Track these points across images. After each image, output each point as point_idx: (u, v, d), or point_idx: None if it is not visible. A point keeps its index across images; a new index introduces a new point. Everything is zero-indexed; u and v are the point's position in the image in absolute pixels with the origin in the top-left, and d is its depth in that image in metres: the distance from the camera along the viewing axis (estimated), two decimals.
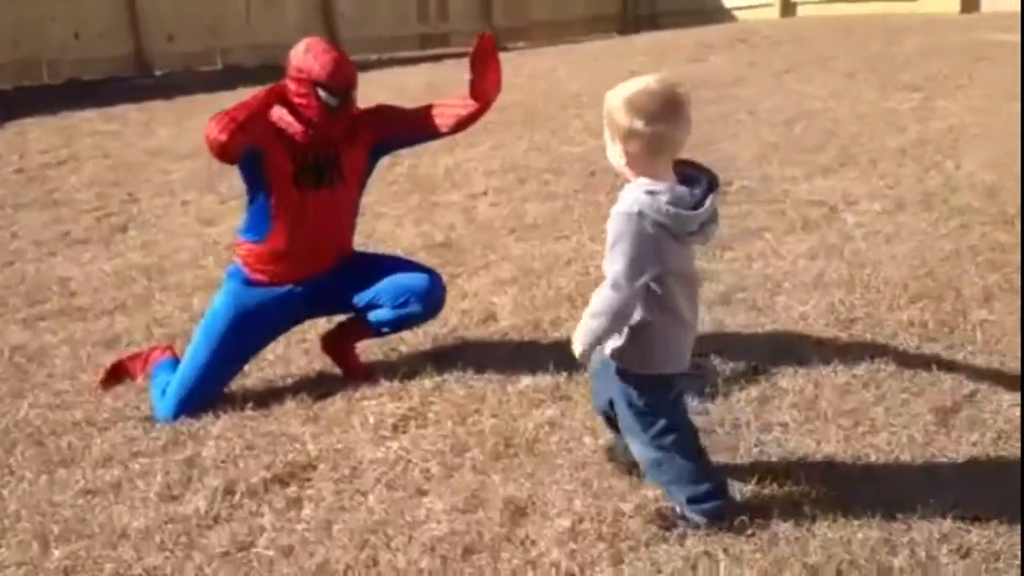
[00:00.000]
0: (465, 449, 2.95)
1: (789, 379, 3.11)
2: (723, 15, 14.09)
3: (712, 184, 2.28)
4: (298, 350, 3.76)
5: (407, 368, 3.48)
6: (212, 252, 5.11)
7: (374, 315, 3.42)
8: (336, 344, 3.58)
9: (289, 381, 3.55)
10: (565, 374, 3.29)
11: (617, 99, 2.23)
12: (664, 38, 12.06)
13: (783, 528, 2.41)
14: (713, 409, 2.97)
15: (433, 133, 3.46)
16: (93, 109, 9.34)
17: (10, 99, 10.31)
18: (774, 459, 2.73)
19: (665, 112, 2.19)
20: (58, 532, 2.69)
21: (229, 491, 2.82)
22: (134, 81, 11.22)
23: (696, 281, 2.42)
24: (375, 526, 2.60)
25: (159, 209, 6.01)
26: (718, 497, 2.45)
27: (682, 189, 2.23)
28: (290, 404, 3.32)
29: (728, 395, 3.04)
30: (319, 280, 3.42)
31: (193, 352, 3.39)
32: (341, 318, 3.61)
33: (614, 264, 2.24)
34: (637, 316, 2.31)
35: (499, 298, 4.11)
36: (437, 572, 2.40)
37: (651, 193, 2.20)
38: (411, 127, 3.47)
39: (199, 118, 8.70)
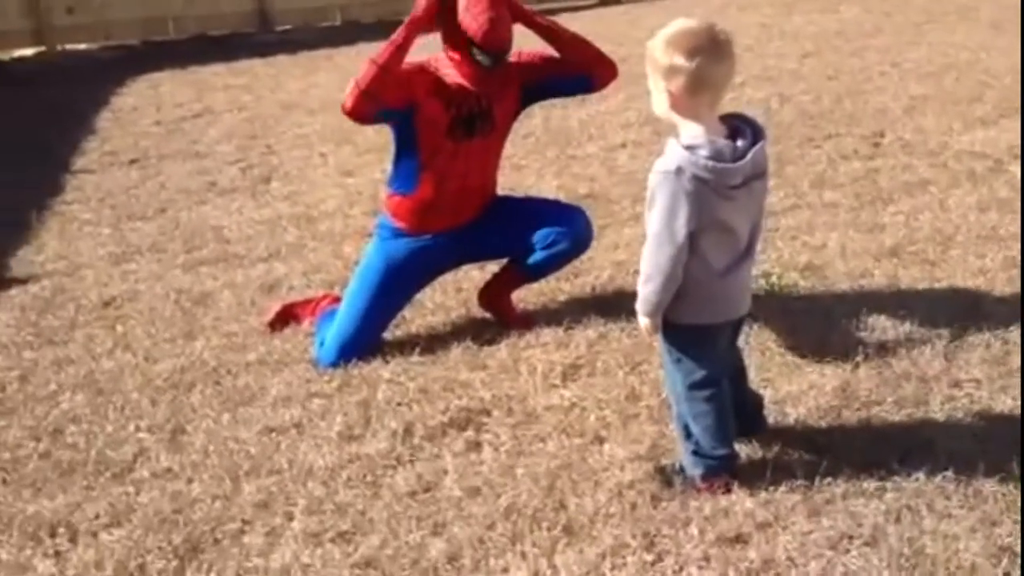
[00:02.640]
0: (639, 398, 2.93)
1: (974, 334, 3.00)
2: None
3: (757, 136, 2.22)
4: (456, 299, 3.78)
5: (569, 318, 3.46)
6: (357, 201, 5.16)
7: (525, 259, 3.42)
8: (493, 298, 3.58)
9: (451, 329, 3.57)
10: None
11: (657, 40, 2.19)
12: None
13: (988, 485, 2.34)
14: (897, 364, 2.88)
15: (578, 74, 3.36)
16: (221, 64, 9.53)
17: (139, 54, 10.59)
18: (967, 416, 2.64)
19: (706, 47, 2.13)
20: (247, 468, 2.76)
21: (408, 432, 2.86)
22: (257, 36, 11.40)
23: (743, 234, 2.30)
24: (558, 470, 2.60)
25: (299, 161, 6.10)
26: (727, 467, 2.45)
27: (723, 142, 2.18)
28: (456, 351, 3.34)
29: (911, 349, 2.95)
30: (467, 227, 3.43)
31: (349, 303, 3.43)
32: (494, 269, 3.62)
33: (654, 223, 2.23)
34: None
35: None
36: (627, 517, 2.39)
37: (691, 148, 2.16)
38: (559, 69, 3.38)
39: (324, 74, 8.86)
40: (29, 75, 9.59)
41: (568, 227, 3.37)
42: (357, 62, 3.18)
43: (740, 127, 2.24)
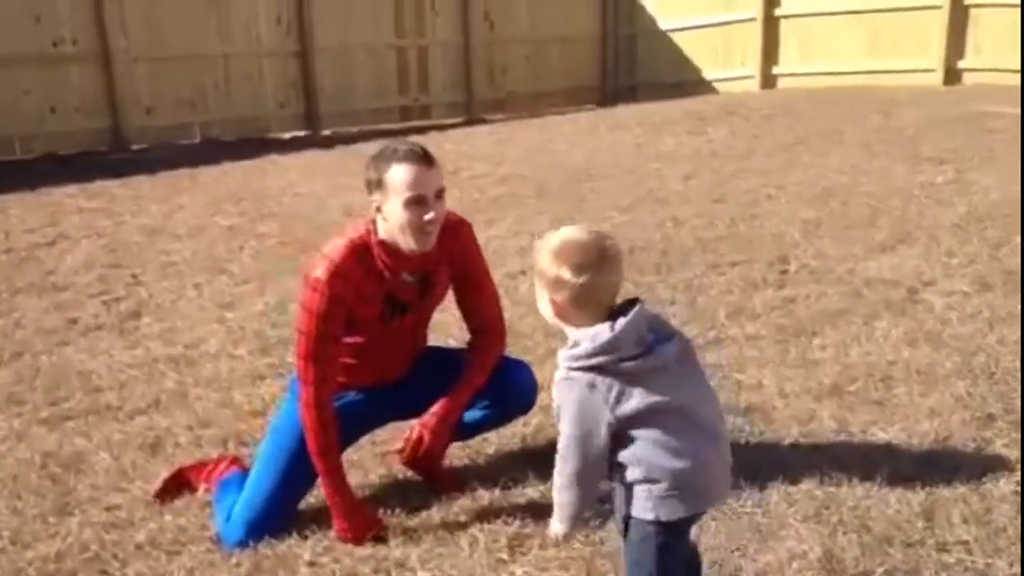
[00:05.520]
0: (602, 573, 2.62)
1: (946, 487, 2.82)
2: (704, 87, 14.15)
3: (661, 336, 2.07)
4: (371, 455, 3.41)
5: (504, 476, 3.15)
6: (241, 339, 4.75)
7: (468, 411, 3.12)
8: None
9: (375, 491, 3.19)
10: None
11: (544, 249, 2.11)
12: (650, 110, 12.00)
13: None
14: (875, 525, 2.68)
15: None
16: (73, 184, 8.96)
17: None
18: None
19: (594, 263, 2.05)
20: None
21: None
22: (111, 155, 10.86)
23: (699, 412, 2.08)
24: None
25: (170, 293, 5.64)
26: None
27: (608, 334, 2.02)
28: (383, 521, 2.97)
29: (886, 507, 2.75)
30: (395, 382, 3.11)
31: (260, 470, 3.03)
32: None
33: (564, 433, 2.08)
34: (628, 469, 2.08)
35: None
36: None
37: (577, 346, 2.05)
38: (469, 304, 3.14)
39: (188, 195, 8.42)
40: None
41: (513, 384, 3.11)
42: (224, 182, 2.86)
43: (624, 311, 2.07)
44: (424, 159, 2.73)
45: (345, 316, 2.83)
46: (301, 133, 12.60)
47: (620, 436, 2.04)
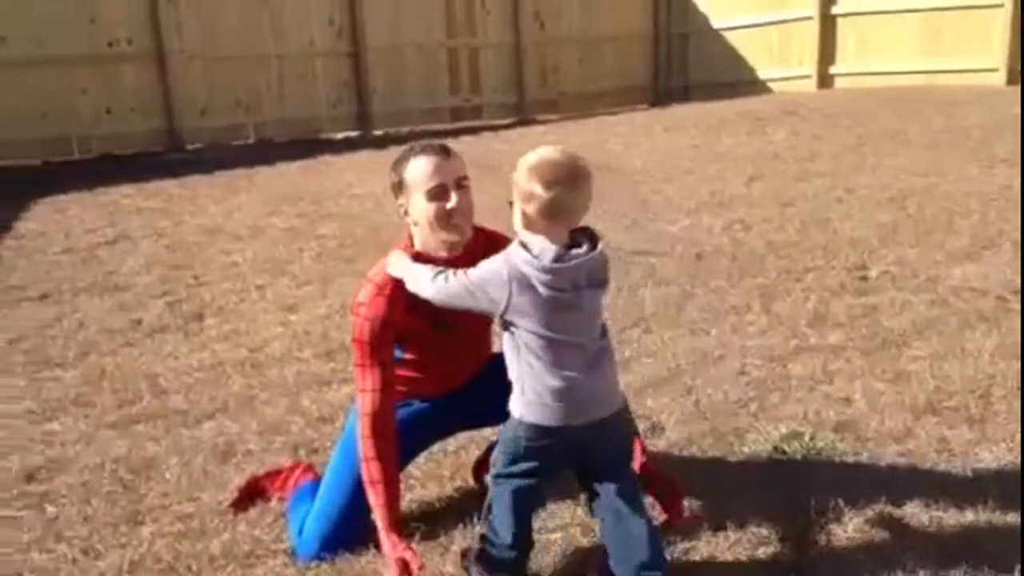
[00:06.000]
0: None
1: None
2: (758, 87, 13.94)
3: (594, 247, 2.33)
4: (450, 466, 3.32)
5: (575, 487, 3.03)
6: (306, 343, 4.69)
7: None
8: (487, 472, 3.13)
9: (448, 503, 3.10)
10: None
11: (522, 164, 2.32)
12: (706, 109, 11.85)
13: None
14: (988, 552, 2.52)
15: None
16: (130, 185, 9.00)
17: (41, 175, 9.96)
18: None
19: (563, 179, 2.27)
20: None
21: None
22: (167, 156, 10.90)
23: (584, 344, 2.37)
24: None
25: (232, 294, 5.59)
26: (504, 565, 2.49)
27: (558, 250, 2.29)
28: (457, 534, 2.86)
29: (1000, 535, 2.60)
30: (461, 390, 3.01)
31: (330, 484, 2.94)
32: (490, 435, 3.19)
33: (459, 275, 2.43)
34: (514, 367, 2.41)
35: (655, 401, 3.68)
36: None
37: (524, 247, 2.31)
38: None
39: (246, 195, 8.40)
40: None
41: None
42: (280, 183, 2.80)
43: (579, 239, 2.34)
44: (441, 150, 2.68)
45: (394, 333, 2.75)
46: (353, 133, 12.58)
47: (510, 327, 2.36)
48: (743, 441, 3.29)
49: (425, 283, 2.50)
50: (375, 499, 2.71)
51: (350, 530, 2.85)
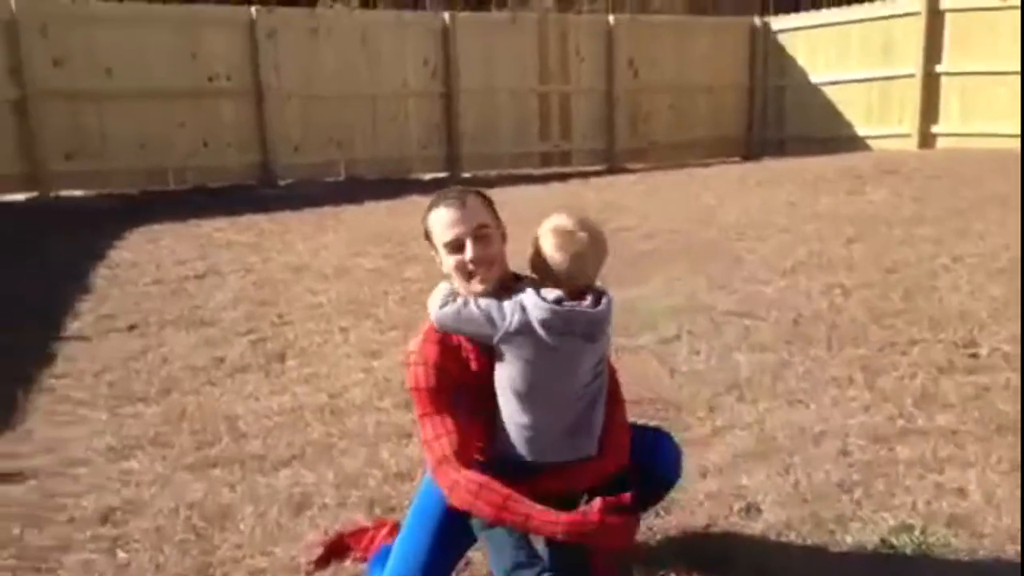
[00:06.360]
0: None
1: None
2: (856, 143, 13.64)
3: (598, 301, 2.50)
4: None
5: (666, 569, 2.86)
6: (387, 391, 4.59)
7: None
8: None
9: None
10: None
11: (544, 227, 2.55)
12: (801, 165, 11.59)
13: None
14: None
15: None
16: (223, 218, 9.11)
17: (137, 204, 10.17)
18: None
19: (573, 249, 2.50)
20: None
21: None
22: (259, 190, 11.05)
23: (561, 394, 2.53)
24: None
25: (315, 335, 5.54)
26: None
27: (557, 293, 2.49)
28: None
29: None
30: None
31: (405, 543, 2.77)
32: None
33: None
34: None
35: (751, 479, 3.48)
36: None
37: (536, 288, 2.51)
38: None
39: (333, 234, 8.43)
40: (19, 221, 9.09)
41: (658, 456, 2.80)
42: (367, 222, 2.73)
43: (587, 294, 2.50)
44: (455, 200, 2.59)
45: (451, 382, 2.59)
46: (442, 175, 12.62)
47: (501, 356, 2.51)
48: (846, 530, 3.07)
49: (439, 302, 2.58)
50: (492, 501, 2.48)
51: None
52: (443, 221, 2.58)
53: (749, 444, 3.77)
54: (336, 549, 3.07)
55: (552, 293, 2.47)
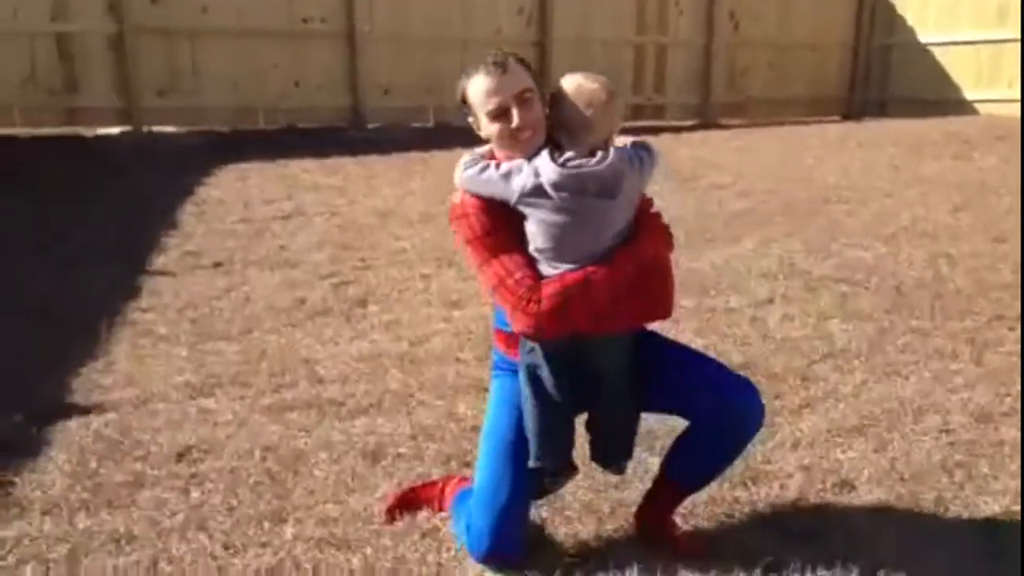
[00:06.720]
0: None
1: None
2: (963, 107, 13.01)
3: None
4: (610, 499, 3.05)
5: (753, 542, 2.71)
6: (467, 343, 4.50)
7: (683, 449, 2.70)
8: (652, 522, 2.83)
9: (604, 546, 2.83)
10: None
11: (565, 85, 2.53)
12: (905, 127, 11.11)
13: None
14: None
15: None
16: (311, 159, 9.08)
17: (227, 142, 10.19)
18: None
19: (591, 103, 2.48)
20: None
21: None
22: (348, 133, 11.00)
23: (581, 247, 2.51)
24: None
25: (398, 282, 5.48)
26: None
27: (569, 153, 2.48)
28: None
29: None
30: None
31: (484, 474, 2.71)
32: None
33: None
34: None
35: (845, 454, 3.30)
36: None
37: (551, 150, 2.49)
38: None
39: (420, 179, 8.34)
40: (112, 155, 9.19)
41: (738, 401, 2.60)
42: (453, 168, 2.59)
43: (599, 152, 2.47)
44: (497, 66, 2.48)
45: (503, 218, 2.52)
46: None
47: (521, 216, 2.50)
48: (946, 513, 2.89)
49: (463, 166, 2.58)
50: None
51: (514, 517, 2.65)
52: (485, 88, 2.49)
53: (844, 417, 3.58)
54: (406, 501, 3.00)
55: (565, 155, 2.46)
